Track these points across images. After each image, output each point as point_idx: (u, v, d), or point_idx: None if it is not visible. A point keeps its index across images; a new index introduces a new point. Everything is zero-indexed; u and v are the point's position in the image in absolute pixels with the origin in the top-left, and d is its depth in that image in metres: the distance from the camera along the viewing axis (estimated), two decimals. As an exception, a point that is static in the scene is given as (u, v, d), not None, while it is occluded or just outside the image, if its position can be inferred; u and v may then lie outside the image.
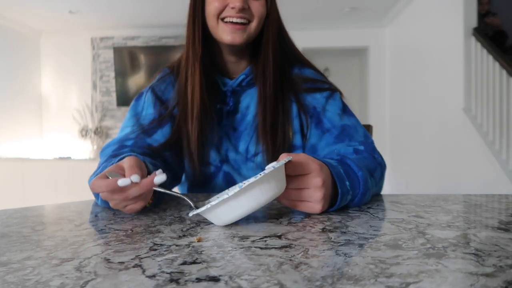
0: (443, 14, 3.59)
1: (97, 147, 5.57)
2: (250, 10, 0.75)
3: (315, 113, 0.82)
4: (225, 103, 0.83)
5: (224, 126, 0.84)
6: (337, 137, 0.78)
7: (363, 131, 0.82)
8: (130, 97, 5.49)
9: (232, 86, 0.83)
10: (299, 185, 0.54)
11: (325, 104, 0.82)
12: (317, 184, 0.54)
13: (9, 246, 0.40)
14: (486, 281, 0.28)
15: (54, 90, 5.73)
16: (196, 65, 0.78)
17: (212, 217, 0.49)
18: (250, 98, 0.84)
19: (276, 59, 0.81)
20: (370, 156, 0.73)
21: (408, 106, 4.55)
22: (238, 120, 0.84)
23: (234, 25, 0.75)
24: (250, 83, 0.83)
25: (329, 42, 5.35)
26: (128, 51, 5.45)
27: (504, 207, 0.63)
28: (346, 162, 0.63)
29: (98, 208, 0.63)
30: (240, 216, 0.48)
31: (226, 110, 0.83)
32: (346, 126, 0.80)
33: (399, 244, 0.39)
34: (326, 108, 0.82)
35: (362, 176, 0.61)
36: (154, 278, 0.30)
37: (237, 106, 0.84)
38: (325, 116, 0.81)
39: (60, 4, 4.50)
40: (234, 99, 0.83)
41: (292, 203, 0.55)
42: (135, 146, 0.76)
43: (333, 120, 0.81)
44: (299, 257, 0.35)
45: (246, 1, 0.74)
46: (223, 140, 0.84)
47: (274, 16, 0.80)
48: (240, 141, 0.83)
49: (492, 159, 2.79)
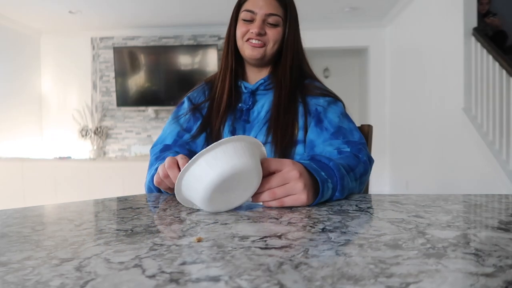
0: (443, 14, 3.59)
1: (97, 147, 5.57)
2: (266, 36, 0.98)
3: (316, 113, 0.96)
4: (245, 102, 1.02)
5: (241, 119, 1.01)
6: (332, 135, 0.91)
7: (358, 135, 0.92)
8: (130, 97, 5.49)
9: (252, 89, 1.02)
10: (279, 182, 0.60)
11: (327, 107, 0.97)
12: (295, 176, 0.61)
13: (9, 246, 0.40)
14: (486, 281, 0.28)
15: (54, 90, 5.73)
16: (227, 74, 1.02)
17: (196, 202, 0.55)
18: (265, 99, 1.01)
19: (292, 72, 1.00)
20: (352, 155, 0.83)
21: (408, 106, 4.55)
22: (252, 115, 1.01)
23: (253, 44, 0.98)
24: (267, 88, 1.02)
25: (329, 42, 5.35)
26: (128, 51, 5.45)
27: (504, 207, 0.63)
28: (315, 158, 0.73)
29: (98, 208, 0.63)
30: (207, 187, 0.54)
31: (246, 108, 1.01)
32: (343, 128, 0.93)
33: (399, 244, 0.39)
34: (327, 110, 0.96)
35: (333, 165, 0.69)
36: (154, 278, 0.30)
37: (254, 105, 1.02)
38: (325, 117, 0.95)
39: (60, 4, 4.50)
40: (252, 99, 1.02)
41: (279, 201, 0.61)
42: (175, 143, 0.99)
43: (332, 121, 0.94)
44: (299, 257, 0.35)
45: (263, 28, 0.97)
46: (237, 131, 1.00)
47: (291, 40, 1.01)
48: (251, 131, 0.99)
49: (492, 159, 2.79)
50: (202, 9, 4.74)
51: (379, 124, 5.13)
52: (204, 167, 0.54)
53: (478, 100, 3.05)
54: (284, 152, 0.93)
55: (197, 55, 5.36)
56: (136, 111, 5.65)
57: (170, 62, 5.39)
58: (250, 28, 0.98)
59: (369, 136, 1.10)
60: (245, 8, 0.99)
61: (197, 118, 1.03)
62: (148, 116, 5.63)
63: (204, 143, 1.01)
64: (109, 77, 5.65)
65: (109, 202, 0.70)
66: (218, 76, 1.05)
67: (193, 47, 5.41)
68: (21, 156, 4.89)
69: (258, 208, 0.61)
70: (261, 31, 0.97)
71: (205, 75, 4.67)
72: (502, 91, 2.79)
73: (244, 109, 1.01)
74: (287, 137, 0.94)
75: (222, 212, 0.58)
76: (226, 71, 1.02)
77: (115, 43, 5.61)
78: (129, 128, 5.71)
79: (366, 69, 5.70)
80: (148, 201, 0.72)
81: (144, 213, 0.58)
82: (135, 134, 5.70)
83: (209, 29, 5.43)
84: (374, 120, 5.25)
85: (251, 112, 1.02)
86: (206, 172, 0.54)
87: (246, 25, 0.99)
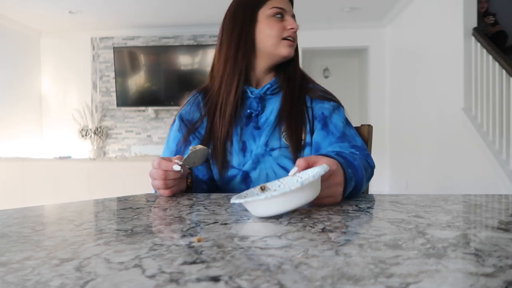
0: (443, 14, 3.59)
1: (97, 147, 5.58)
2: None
3: (323, 117, 0.97)
4: (251, 107, 0.99)
5: (249, 125, 0.99)
6: (338, 139, 0.93)
7: (361, 141, 0.95)
8: (130, 97, 5.49)
9: (260, 93, 0.98)
10: (324, 186, 0.64)
11: (332, 113, 0.97)
12: (339, 181, 0.65)
13: (9, 246, 0.40)
14: (486, 281, 0.28)
15: (54, 90, 5.73)
16: (235, 78, 0.95)
17: (251, 207, 0.54)
18: (273, 104, 0.99)
19: (299, 73, 1.01)
20: (363, 158, 0.85)
21: (408, 106, 4.55)
22: (261, 120, 0.98)
23: (290, 42, 0.95)
24: (274, 92, 0.99)
25: (329, 42, 5.35)
26: (128, 51, 5.45)
27: (504, 207, 0.63)
28: (341, 154, 0.76)
29: (98, 208, 0.63)
30: (276, 212, 0.53)
31: (255, 114, 0.98)
32: (347, 134, 0.95)
33: (399, 244, 0.39)
34: (332, 116, 0.97)
35: (357, 164, 0.74)
36: (154, 278, 0.30)
37: (263, 110, 0.99)
38: (331, 122, 0.96)
39: (60, 4, 4.50)
40: (261, 104, 0.99)
41: (319, 201, 0.64)
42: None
43: (337, 126, 0.95)
44: (299, 257, 0.35)
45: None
46: (247, 138, 0.97)
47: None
48: (261, 136, 0.96)
49: (492, 159, 2.79)
50: (202, 9, 4.74)
51: (379, 124, 5.13)
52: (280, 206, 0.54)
53: (478, 100, 3.05)
54: (295, 155, 0.93)
55: (197, 55, 5.36)
56: (136, 111, 5.65)
57: (170, 62, 5.39)
58: (286, 25, 0.94)
59: (369, 136, 1.10)
60: (273, 5, 0.95)
61: (194, 138, 0.97)
62: (148, 116, 5.63)
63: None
64: (109, 77, 5.65)
65: (109, 202, 0.70)
66: (220, 81, 0.97)
67: (193, 47, 5.41)
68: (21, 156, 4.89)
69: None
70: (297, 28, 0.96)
71: (205, 75, 4.67)
72: (502, 91, 2.79)
73: (254, 115, 0.98)
74: (299, 140, 0.94)
75: (221, 213, 0.58)
76: (233, 75, 0.95)
77: (115, 43, 5.61)
78: (129, 128, 5.71)
79: (366, 69, 5.70)
80: (148, 201, 0.72)
81: (144, 213, 0.58)
82: (135, 134, 5.71)
83: (209, 29, 5.43)
84: (374, 120, 5.25)
85: (259, 118, 0.98)
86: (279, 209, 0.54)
87: (280, 22, 0.95)
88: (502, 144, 2.75)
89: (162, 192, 0.77)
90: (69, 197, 3.24)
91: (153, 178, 0.77)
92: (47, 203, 0.81)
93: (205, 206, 0.63)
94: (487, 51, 2.94)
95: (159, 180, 0.76)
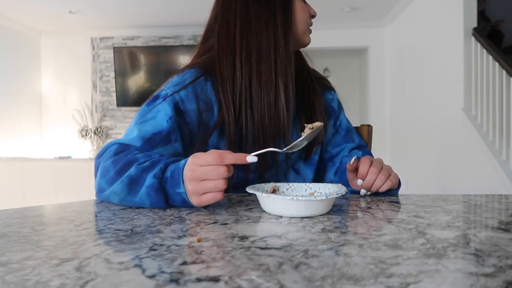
0: (443, 14, 3.59)
1: (97, 147, 5.57)
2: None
3: (333, 111, 0.95)
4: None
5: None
6: (344, 137, 0.94)
7: (359, 137, 0.97)
8: (130, 97, 5.49)
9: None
10: (378, 166, 0.72)
11: (338, 108, 0.96)
12: (380, 160, 0.75)
13: (9, 246, 0.40)
14: (486, 281, 0.28)
15: (54, 90, 5.72)
16: (289, 70, 0.78)
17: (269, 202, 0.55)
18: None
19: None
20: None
21: (408, 106, 4.55)
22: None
23: (310, 30, 0.87)
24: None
25: (329, 42, 5.35)
26: (128, 51, 5.45)
27: (504, 207, 0.63)
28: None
29: (98, 208, 0.63)
30: (291, 215, 0.54)
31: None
32: (349, 129, 0.95)
33: (399, 244, 0.39)
34: (340, 111, 0.96)
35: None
36: (154, 278, 0.30)
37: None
38: (339, 119, 0.96)
39: (60, 4, 4.50)
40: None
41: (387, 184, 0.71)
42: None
43: (343, 122, 0.95)
44: (299, 257, 0.35)
45: None
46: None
47: None
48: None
49: (492, 159, 2.79)
50: (202, 9, 4.72)
51: (379, 124, 5.12)
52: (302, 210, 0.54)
53: (478, 100, 3.05)
54: (313, 149, 0.88)
55: (197, 55, 5.36)
56: (136, 111, 5.63)
57: (170, 62, 5.39)
58: (311, 11, 0.85)
59: (369, 136, 1.10)
60: None
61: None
62: (148, 116, 5.62)
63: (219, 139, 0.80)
64: (109, 77, 5.65)
65: (109, 202, 0.69)
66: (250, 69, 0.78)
67: (193, 47, 5.38)
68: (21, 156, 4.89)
69: (259, 208, 0.61)
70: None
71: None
72: (502, 91, 2.79)
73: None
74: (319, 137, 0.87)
75: (221, 213, 0.58)
76: (287, 66, 0.78)
77: (115, 43, 5.61)
78: (129, 128, 5.71)
79: (366, 69, 5.70)
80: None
81: (144, 213, 0.58)
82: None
83: (209, 29, 5.42)
84: (374, 120, 5.24)
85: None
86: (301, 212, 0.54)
87: (306, 7, 0.84)
88: (502, 144, 2.75)
89: (219, 195, 0.57)
90: (69, 197, 3.24)
91: (206, 179, 0.56)
92: (47, 203, 0.81)
93: (205, 206, 0.63)
94: (487, 51, 2.94)
95: (220, 179, 0.56)
